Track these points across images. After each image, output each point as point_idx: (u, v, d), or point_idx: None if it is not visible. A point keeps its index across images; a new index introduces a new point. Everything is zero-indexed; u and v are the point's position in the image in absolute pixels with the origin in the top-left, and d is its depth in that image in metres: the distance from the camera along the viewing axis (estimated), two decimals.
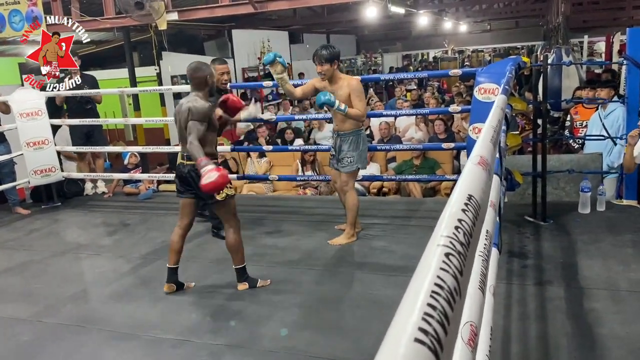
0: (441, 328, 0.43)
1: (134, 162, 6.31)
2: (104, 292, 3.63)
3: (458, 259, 0.56)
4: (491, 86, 3.99)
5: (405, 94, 10.35)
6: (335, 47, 4.08)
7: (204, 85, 3.38)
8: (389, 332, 0.43)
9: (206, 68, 3.41)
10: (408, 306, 0.46)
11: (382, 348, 0.39)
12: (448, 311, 0.46)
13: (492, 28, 20.30)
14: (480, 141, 1.09)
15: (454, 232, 0.60)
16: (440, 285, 0.49)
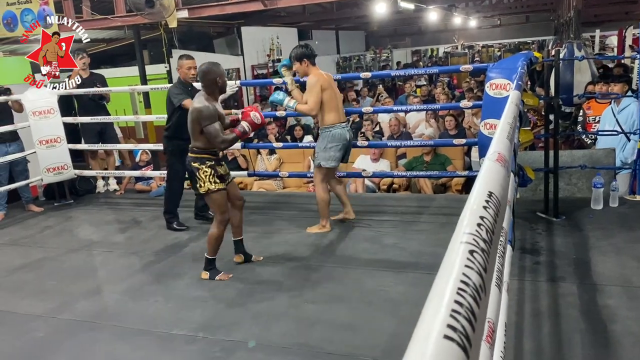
0: (469, 325, 0.43)
1: (145, 160, 6.35)
2: (117, 289, 3.66)
3: (482, 255, 0.56)
4: (503, 82, 3.96)
5: (415, 90, 10.31)
6: (307, 46, 4.24)
7: (213, 86, 3.50)
8: (417, 329, 0.43)
9: (216, 69, 3.51)
10: (435, 303, 0.46)
11: (412, 345, 0.40)
12: (474, 308, 0.46)
13: (502, 23, 20.15)
14: (497, 138, 1.09)
15: (476, 229, 0.60)
16: (466, 282, 0.49)
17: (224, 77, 3.58)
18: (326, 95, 4.16)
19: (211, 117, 3.40)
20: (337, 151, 4.22)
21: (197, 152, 3.50)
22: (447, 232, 2.88)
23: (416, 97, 8.73)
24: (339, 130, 4.22)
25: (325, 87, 4.14)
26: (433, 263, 3.49)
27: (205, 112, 3.40)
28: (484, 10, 16.07)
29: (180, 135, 4.35)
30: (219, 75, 3.51)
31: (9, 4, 5.91)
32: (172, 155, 4.65)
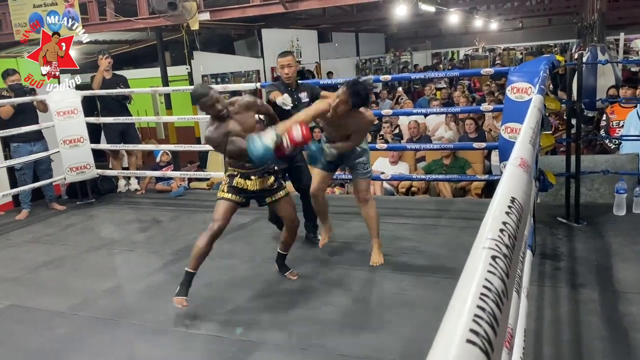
0: (491, 329, 0.43)
1: (166, 160, 6.42)
2: (137, 287, 3.71)
3: (504, 261, 0.56)
4: (524, 85, 3.93)
5: (435, 93, 10.26)
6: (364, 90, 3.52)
7: (209, 110, 3.19)
8: (439, 332, 0.44)
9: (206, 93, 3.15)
10: (458, 307, 0.46)
11: (434, 348, 0.40)
12: (497, 313, 0.46)
13: (524, 26, 19.94)
14: (519, 143, 1.09)
15: (499, 234, 0.61)
16: (488, 288, 0.49)
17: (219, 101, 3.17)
18: None
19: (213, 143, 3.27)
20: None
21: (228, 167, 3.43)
22: (466, 236, 2.89)
23: (436, 100, 8.69)
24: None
25: None
26: (452, 267, 3.49)
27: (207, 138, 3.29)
28: (506, 13, 15.92)
29: None
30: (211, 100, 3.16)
31: (35, 6, 6.04)
32: None
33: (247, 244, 4.29)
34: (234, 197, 3.29)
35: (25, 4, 6.05)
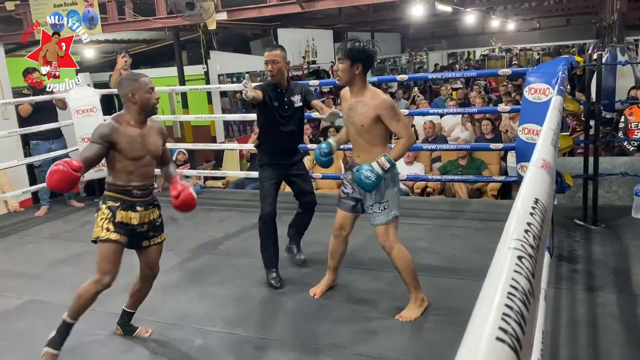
0: (519, 328, 0.44)
1: (182, 159, 6.47)
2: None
3: (530, 261, 0.57)
4: (542, 86, 3.90)
5: (451, 93, 10.22)
6: (371, 45, 2.88)
7: (128, 103, 2.73)
8: (468, 331, 0.44)
9: (128, 83, 2.74)
10: (486, 306, 0.47)
11: (463, 347, 0.41)
12: (524, 312, 0.47)
13: (541, 26, 19.75)
14: (541, 144, 1.09)
15: (524, 235, 0.61)
16: (515, 287, 0.50)
17: (143, 92, 2.71)
18: None
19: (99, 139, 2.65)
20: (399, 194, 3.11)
21: (106, 187, 2.77)
22: (482, 237, 2.88)
23: (452, 100, 8.65)
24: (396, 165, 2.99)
25: None
26: (467, 268, 3.48)
27: (97, 131, 2.68)
28: (523, 13, 15.78)
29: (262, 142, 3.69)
30: (131, 91, 2.70)
31: (55, 6, 6.12)
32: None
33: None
34: (121, 237, 2.71)
35: (46, 4, 6.14)
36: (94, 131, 2.69)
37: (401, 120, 2.85)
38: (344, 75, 2.85)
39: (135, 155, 2.71)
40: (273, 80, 3.49)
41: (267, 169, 3.62)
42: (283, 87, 3.53)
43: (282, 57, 3.46)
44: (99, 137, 2.64)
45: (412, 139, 2.89)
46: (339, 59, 2.86)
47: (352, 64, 2.82)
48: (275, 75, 3.45)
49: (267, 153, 3.64)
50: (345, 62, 2.82)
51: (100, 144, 2.64)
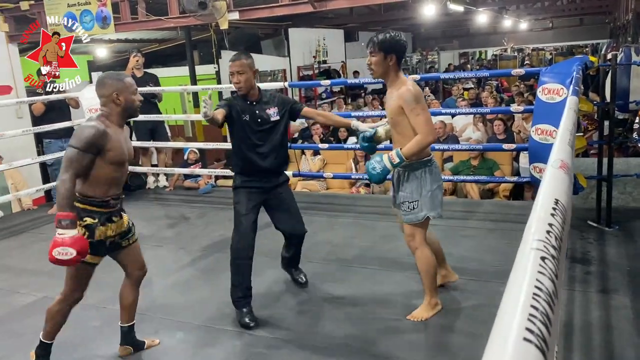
0: (545, 329, 0.44)
1: (194, 159, 6.50)
2: (166, 282, 3.77)
3: (552, 262, 0.56)
4: (556, 86, 3.87)
5: (462, 93, 10.17)
6: (401, 36, 2.87)
7: (111, 104, 2.52)
8: (493, 332, 0.44)
9: (112, 83, 2.51)
10: (511, 307, 0.47)
11: (490, 347, 0.41)
12: (549, 313, 0.46)
13: (554, 26, 19.61)
14: (558, 145, 1.08)
15: (546, 236, 0.60)
16: (540, 288, 0.50)
17: (126, 93, 2.52)
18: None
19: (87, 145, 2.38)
20: (442, 192, 3.00)
21: (79, 200, 2.46)
22: (494, 238, 2.86)
23: (463, 100, 8.62)
24: (436, 163, 2.96)
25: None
26: (479, 269, 3.46)
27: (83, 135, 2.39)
28: (536, 13, 15.66)
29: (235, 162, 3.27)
30: (115, 90, 2.49)
31: (69, 6, 6.17)
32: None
33: (273, 241, 4.31)
34: (98, 259, 2.59)
35: (60, 4, 6.19)
36: (79, 136, 2.38)
37: (421, 115, 2.74)
38: (377, 68, 2.83)
39: (122, 160, 2.52)
40: (240, 93, 3.10)
41: (241, 193, 3.15)
42: (253, 98, 3.10)
43: (248, 65, 3.04)
44: (89, 144, 2.38)
45: (429, 138, 2.75)
46: (371, 52, 2.82)
47: (386, 55, 2.79)
48: (243, 88, 3.05)
49: (241, 174, 3.19)
50: (378, 54, 2.80)
51: (92, 153, 2.40)
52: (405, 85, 2.79)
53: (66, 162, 2.37)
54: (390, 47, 2.79)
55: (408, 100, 2.74)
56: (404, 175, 2.90)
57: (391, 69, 2.83)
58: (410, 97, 2.74)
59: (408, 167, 2.85)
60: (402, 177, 2.92)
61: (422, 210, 2.86)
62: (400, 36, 2.84)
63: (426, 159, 2.86)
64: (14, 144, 6.00)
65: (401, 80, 2.85)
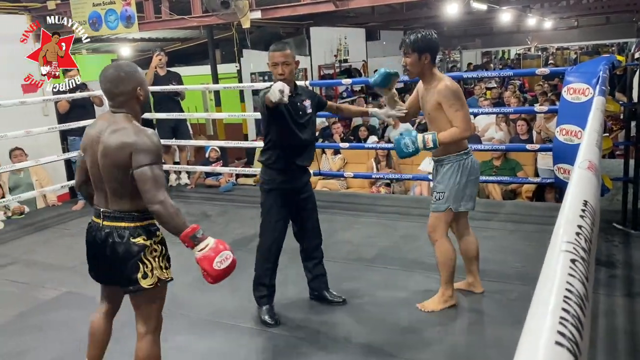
0: (577, 332, 0.43)
1: (215, 157, 6.55)
2: (186, 280, 3.78)
3: (583, 264, 0.55)
4: (581, 86, 3.81)
5: (484, 92, 10.06)
6: (432, 34, 2.89)
7: (133, 102, 2.18)
8: (523, 335, 0.43)
9: (132, 76, 2.16)
10: (541, 310, 0.46)
11: (520, 351, 0.40)
12: (580, 316, 0.45)
13: (579, 24, 19.27)
14: (585, 145, 1.06)
15: (575, 238, 0.59)
16: (571, 291, 0.49)
17: (146, 86, 2.23)
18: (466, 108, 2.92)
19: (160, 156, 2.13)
20: (474, 187, 3.00)
21: (136, 217, 2.15)
22: (516, 240, 2.83)
23: (486, 100, 8.52)
24: (472, 158, 2.96)
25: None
26: (500, 271, 3.43)
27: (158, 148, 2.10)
28: (561, 11, 15.41)
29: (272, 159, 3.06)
30: (138, 84, 2.17)
31: (94, 5, 6.26)
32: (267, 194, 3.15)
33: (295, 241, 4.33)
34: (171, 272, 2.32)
35: (86, 3, 6.29)
36: (152, 149, 2.06)
37: (460, 111, 2.78)
38: (413, 69, 2.87)
39: None
40: None
41: (275, 196, 3.06)
42: (292, 90, 2.93)
43: (292, 56, 2.96)
44: (161, 154, 2.16)
45: (465, 133, 2.81)
46: (405, 53, 2.86)
47: (420, 55, 2.83)
48: (287, 79, 2.88)
49: (278, 172, 3.04)
50: (412, 55, 2.84)
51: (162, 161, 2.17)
52: (443, 82, 2.83)
53: (156, 182, 2.04)
54: (424, 46, 2.82)
55: (447, 96, 2.77)
56: (439, 166, 2.96)
57: (426, 67, 2.87)
58: (449, 93, 2.78)
59: (443, 160, 2.92)
60: (440, 170, 2.96)
61: (447, 202, 2.89)
62: (431, 34, 2.87)
63: (461, 152, 2.89)
64: (40, 141, 6.11)
65: (438, 77, 2.88)
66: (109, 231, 2.15)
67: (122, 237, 2.13)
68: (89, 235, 2.24)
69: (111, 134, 2.09)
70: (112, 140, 2.08)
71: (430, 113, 2.88)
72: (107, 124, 2.14)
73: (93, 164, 2.16)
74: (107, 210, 2.16)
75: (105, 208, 2.17)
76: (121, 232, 2.13)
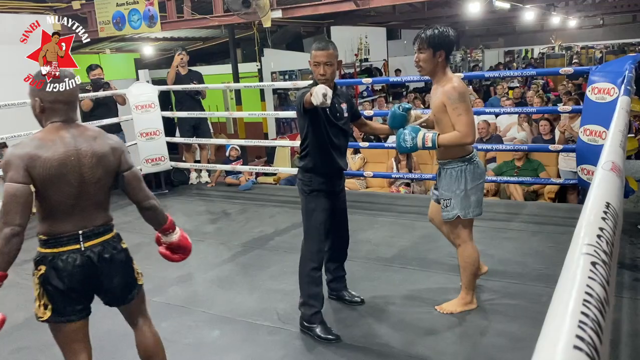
0: (596, 336, 0.42)
1: (235, 155, 6.59)
2: (206, 277, 3.83)
3: (603, 268, 0.54)
4: (606, 86, 3.74)
5: (507, 92, 9.95)
6: (449, 31, 2.79)
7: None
8: (541, 338, 0.43)
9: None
10: (560, 313, 0.45)
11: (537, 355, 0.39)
12: (600, 320, 0.45)
13: (605, 23, 18.94)
14: (609, 146, 1.04)
15: (596, 240, 0.58)
16: (590, 294, 0.48)
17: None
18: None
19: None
20: (480, 192, 2.90)
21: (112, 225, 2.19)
22: (538, 241, 2.78)
23: (508, 100, 8.42)
24: (477, 162, 2.86)
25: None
26: (521, 272, 3.38)
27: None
28: (586, 10, 15.17)
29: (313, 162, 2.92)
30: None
31: (118, 5, 6.35)
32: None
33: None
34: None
35: (110, 3, 6.38)
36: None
37: (463, 116, 2.65)
38: (426, 65, 2.75)
39: None
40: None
41: (319, 199, 2.91)
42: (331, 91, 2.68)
43: (335, 56, 2.80)
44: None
45: (467, 139, 2.68)
46: (419, 49, 2.74)
47: (435, 52, 2.71)
48: (328, 81, 2.77)
49: (320, 175, 2.91)
50: (427, 51, 2.72)
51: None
52: (450, 83, 2.71)
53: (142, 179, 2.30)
54: (440, 42, 2.71)
55: (451, 98, 2.66)
56: (443, 172, 2.89)
57: (440, 66, 2.76)
58: (455, 95, 2.67)
59: (446, 164, 2.85)
60: (442, 174, 2.90)
61: (454, 208, 2.83)
62: (448, 31, 2.76)
63: (465, 157, 2.80)
64: None
65: (448, 77, 2.77)
66: (101, 248, 2.07)
67: (115, 248, 2.12)
68: (68, 269, 1.99)
69: (93, 141, 2.03)
70: (101, 148, 2.04)
71: (436, 114, 2.78)
72: (73, 136, 2.01)
73: (78, 181, 1.99)
74: (87, 230, 2.04)
75: (84, 229, 2.04)
76: (113, 244, 2.12)
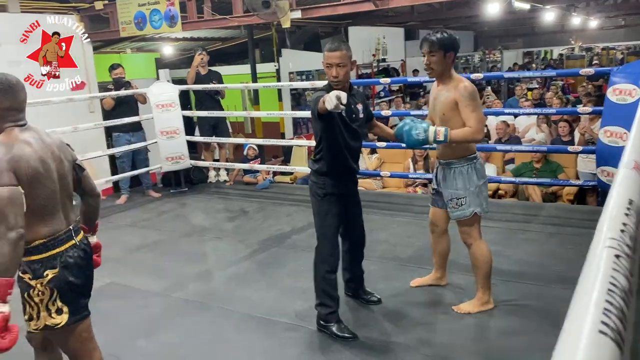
0: (621, 324, 0.44)
1: (253, 155, 6.64)
2: (225, 274, 3.88)
3: (627, 260, 0.56)
4: (628, 87, 3.71)
5: (526, 93, 9.87)
6: (454, 35, 2.88)
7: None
8: (566, 323, 0.44)
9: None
10: (584, 302, 0.47)
11: (563, 339, 0.41)
12: (624, 309, 0.46)
13: (626, 23, 18.64)
14: (632, 145, 1.05)
15: (619, 234, 0.60)
16: (615, 284, 0.49)
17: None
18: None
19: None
20: (486, 189, 3.03)
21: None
22: (556, 243, 2.78)
23: (527, 101, 8.36)
24: (480, 161, 2.99)
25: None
26: (539, 274, 3.37)
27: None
28: (607, 10, 14.95)
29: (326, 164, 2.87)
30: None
31: (140, 5, 6.43)
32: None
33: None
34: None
35: (131, 3, 6.46)
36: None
37: (475, 112, 2.77)
38: (438, 67, 2.85)
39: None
40: (337, 88, 2.70)
41: (332, 201, 2.88)
42: (346, 92, 2.60)
43: (349, 57, 2.75)
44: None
45: (477, 135, 2.77)
46: (430, 52, 2.82)
47: (445, 53, 2.82)
48: (341, 82, 2.73)
49: (334, 178, 2.88)
50: (438, 53, 2.82)
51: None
52: (463, 82, 2.84)
53: None
54: (450, 45, 2.83)
55: (465, 96, 2.77)
56: (450, 172, 2.94)
57: (448, 67, 2.87)
58: (468, 94, 2.79)
59: (454, 164, 2.92)
60: (448, 174, 2.96)
61: (470, 206, 2.91)
62: (453, 34, 2.90)
63: (472, 156, 2.92)
64: (86, 136, 6.31)
65: (457, 77, 2.89)
66: (86, 242, 2.15)
67: (87, 239, 2.20)
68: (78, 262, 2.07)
69: (49, 138, 2.06)
70: (58, 142, 2.08)
71: (445, 113, 2.85)
72: (33, 135, 1.99)
73: (58, 176, 2.01)
74: (73, 225, 2.09)
75: (72, 224, 2.08)
76: (85, 235, 2.18)
